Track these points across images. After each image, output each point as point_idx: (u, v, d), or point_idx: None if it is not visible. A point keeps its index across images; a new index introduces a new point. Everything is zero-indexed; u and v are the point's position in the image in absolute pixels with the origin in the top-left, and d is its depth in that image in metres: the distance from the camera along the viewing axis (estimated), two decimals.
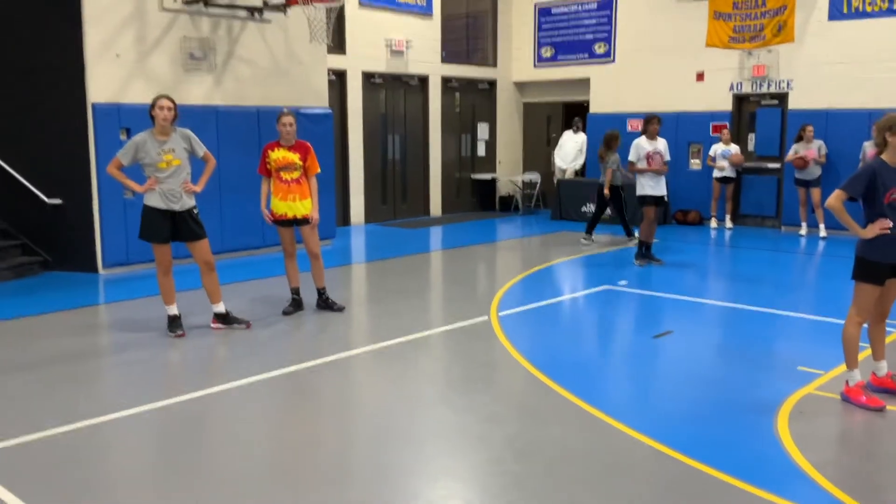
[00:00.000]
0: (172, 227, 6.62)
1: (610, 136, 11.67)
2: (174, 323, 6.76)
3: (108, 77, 9.38)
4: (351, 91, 13.96)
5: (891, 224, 4.90)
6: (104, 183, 9.31)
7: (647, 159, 9.89)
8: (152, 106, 6.52)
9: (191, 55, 10.04)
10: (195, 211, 6.74)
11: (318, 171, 7.54)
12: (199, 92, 10.11)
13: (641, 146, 9.92)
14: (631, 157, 9.97)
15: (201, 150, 6.78)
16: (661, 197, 10.11)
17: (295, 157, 7.30)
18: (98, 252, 9.47)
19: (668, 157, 10.09)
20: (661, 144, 10.01)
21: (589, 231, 11.81)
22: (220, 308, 6.93)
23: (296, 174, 7.32)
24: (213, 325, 6.93)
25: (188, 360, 6.32)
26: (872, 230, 4.94)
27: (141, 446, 4.65)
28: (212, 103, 10.25)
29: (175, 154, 6.56)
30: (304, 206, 7.39)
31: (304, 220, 7.43)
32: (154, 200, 6.56)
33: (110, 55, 9.37)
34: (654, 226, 10.13)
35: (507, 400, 5.42)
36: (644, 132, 10.04)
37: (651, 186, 9.93)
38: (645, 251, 10.12)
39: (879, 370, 5.29)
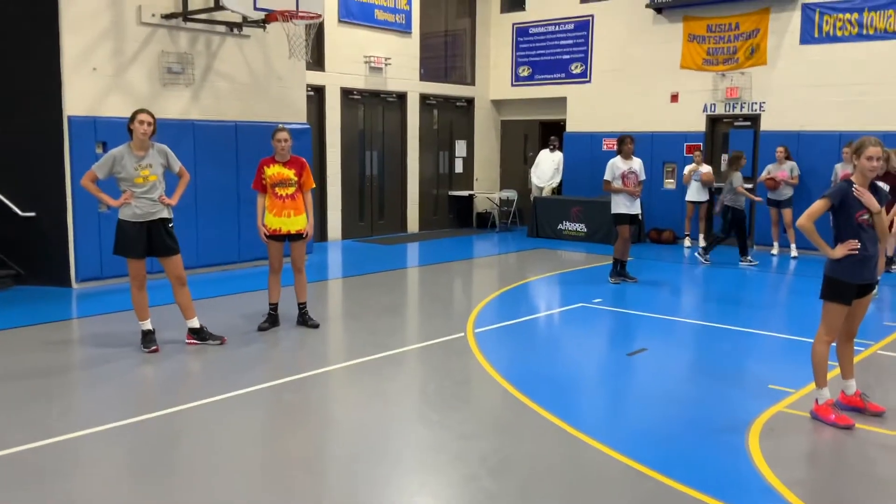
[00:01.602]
0: (147, 241, 6.59)
1: (735, 156, 11.78)
2: (148, 338, 6.71)
3: (85, 90, 9.34)
4: (329, 107, 14.00)
5: (858, 245, 5.01)
6: (79, 196, 9.25)
7: (623, 178, 10.00)
8: (131, 119, 6.50)
9: (168, 69, 10.03)
10: (170, 224, 6.71)
11: (313, 186, 7.57)
12: (176, 106, 10.09)
13: (617, 165, 10.04)
14: (606, 176, 10.08)
15: (177, 165, 6.78)
16: (636, 215, 10.22)
17: (290, 173, 7.31)
18: (72, 266, 9.38)
19: (643, 177, 10.21)
20: (637, 164, 10.13)
21: (744, 253, 11.82)
22: (195, 323, 6.90)
23: (291, 190, 7.33)
24: (187, 340, 6.89)
25: (162, 376, 6.27)
26: (841, 250, 5.05)
27: (113, 464, 4.60)
28: (189, 118, 10.23)
29: (152, 170, 6.54)
30: (298, 221, 7.39)
31: (298, 236, 7.43)
32: (128, 214, 6.53)
33: (87, 68, 9.34)
34: (629, 244, 10.24)
35: (482, 416, 5.44)
36: (619, 152, 10.15)
37: (626, 205, 10.05)
38: (619, 269, 10.22)
39: (848, 388, 5.37)
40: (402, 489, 4.25)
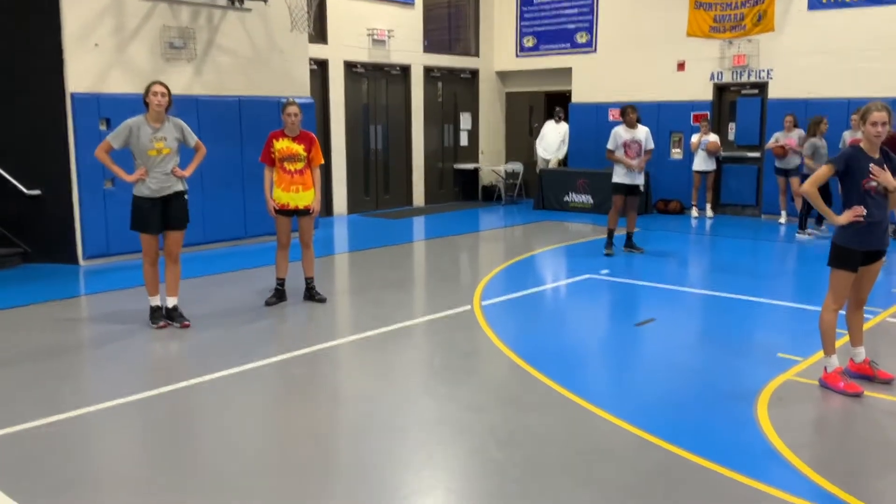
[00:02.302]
0: (163, 215, 6.56)
1: (814, 121, 11.25)
2: (156, 314, 6.72)
3: (87, 67, 9.29)
4: (333, 81, 13.90)
5: (864, 211, 4.96)
6: (84, 174, 9.24)
7: (625, 148, 9.90)
8: (146, 92, 6.45)
9: (170, 44, 9.96)
10: (186, 196, 6.69)
11: (322, 162, 7.51)
12: (179, 81, 10.01)
13: (619, 134, 9.93)
14: (608, 145, 9.99)
15: (193, 139, 6.73)
16: (636, 186, 10.01)
17: (300, 148, 7.26)
18: (78, 243, 9.39)
19: (650, 146, 10.04)
20: (642, 133, 9.98)
21: (802, 226, 11.43)
22: (174, 301, 6.78)
23: (300, 165, 7.28)
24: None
25: (171, 352, 6.29)
26: (846, 217, 5.02)
27: (125, 438, 4.63)
28: (192, 93, 10.17)
29: (166, 143, 6.50)
30: (306, 196, 7.36)
31: (305, 211, 7.40)
32: (143, 190, 6.50)
33: (89, 45, 9.28)
34: (617, 215, 10.04)
35: (489, 389, 5.45)
36: (623, 121, 10.04)
37: (622, 174, 9.94)
38: (613, 239, 10.09)
39: (857, 356, 5.36)
40: (410, 462, 4.26)
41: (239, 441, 4.52)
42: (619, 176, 9.97)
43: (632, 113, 9.99)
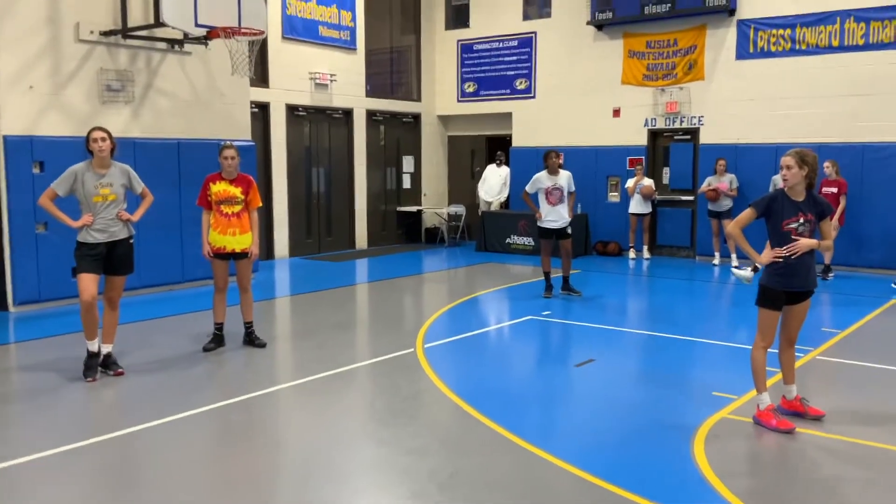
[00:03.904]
0: (107, 260, 6.42)
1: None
2: (92, 362, 6.47)
3: (21, 109, 9.12)
4: (274, 123, 13.90)
5: (783, 252, 5.16)
6: (15, 217, 9.00)
7: (546, 194, 10.02)
8: (87, 140, 6.36)
9: (108, 87, 9.85)
10: (131, 241, 6.58)
11: (260, 204, 7.48)
12: (116, 124, 9.88)
13: (540, 180, 10.08)
14: (526, 188, 10.21)
15: (140, 186, 6.65)
16: (562, 230, 10.06)
17: (237, 191, 7.22)
18: (8, 289, 9.10)
19: (572, 189, 10.14)
20: (563, 179, 10.06)
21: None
22: (108, 349, 6.60)
23: (237, 208, 7.23)
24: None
25: (104, 400, 6.10)
26: (766, 256, 5.22)
27: (55, 490, 4.45)
28: (130, 135, 10.03)
29: (112, 189, 6.39)
30: (244, 240, 7.29)
31: (242, 255, 7.33)
32: (88, 237, 6.36)
33: (23, 86, 9.12)
34: (549, 258, 10.18)
35: (431, 431, 5.42)
36: (545, 167, 10.12)
37: (545, 220, 10.08)
38: (551, 283, 10.24)
39: (789, 393, 5.51)
40: None
41: (176, 491, 4.39)
42: (542, 221, 10.11)
43: (555, 158, 10.06)
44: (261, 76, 13.47)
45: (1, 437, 5.24)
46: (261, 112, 13.59)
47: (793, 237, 5.17)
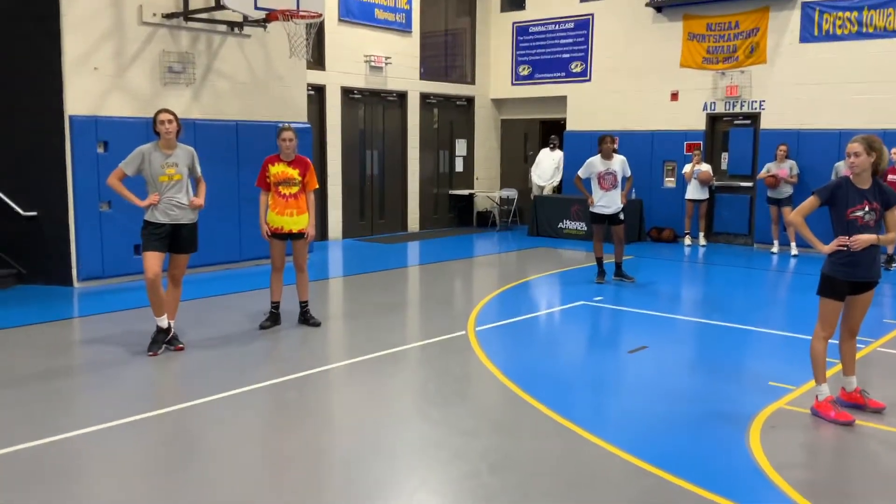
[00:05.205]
0: (172, 239, 6.59)
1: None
2: (159, 337, 6.65)
3: (86, 90, 9.36)
4: (330, 106, 14.01)
5: (847, 241, 5.03)
6: (80, 196, 9.27)
7: (599, 179, 9.90)
8: (154, 122, 6.53)
9: (170, 69, 10.05)
10: (195, 223, 6.75)
11: (317, 186, 7.58)
12: (177, 105, 10.06)
13: (593, 164, 9.94)
14: (579, 172, 10.07)
15: (198, 170, 6.80)
16: (614, 215, 9.92)
17: (294, 173, 7.32)
18: (73, 265, 9.40)
19: (627, 174, 10.02)
20: (617, 163, 9.92)
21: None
22: (172, 324, 6.75)
23: (294, 189, 7.34)
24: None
25: (164, 375, 6.28)
26: (831, 246, 5.11)
27: (116, 461, 4.60)
28: (190, 117, 10.22)
29: (177, 169, 6.56)
30: (301, 220, 7.39)
31: (299, 235, 7.44)
32: (154, 216, 6.54)
33: (88, 68, 9.36)
34: (601, 243, 10.02)
35: (482, 413, 5.46)
36: (599, 151, 9.98)
37: (597, 204, 9.95)
38: (606, 268, 10.12)
39: (849, 385, 5.39)
40: (402, 486, 4.26)
41: (231, 465, 4.51)
42: (594, 206, 10.00)
43: (609, 143, 9.94)
44: (317, 59, 13.59)
45: (66, 409, 5.45)
46: (316, 95, 13.71)
47: (859, 225, 5.04)
